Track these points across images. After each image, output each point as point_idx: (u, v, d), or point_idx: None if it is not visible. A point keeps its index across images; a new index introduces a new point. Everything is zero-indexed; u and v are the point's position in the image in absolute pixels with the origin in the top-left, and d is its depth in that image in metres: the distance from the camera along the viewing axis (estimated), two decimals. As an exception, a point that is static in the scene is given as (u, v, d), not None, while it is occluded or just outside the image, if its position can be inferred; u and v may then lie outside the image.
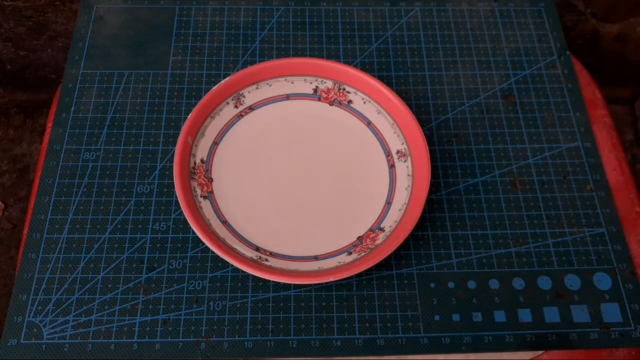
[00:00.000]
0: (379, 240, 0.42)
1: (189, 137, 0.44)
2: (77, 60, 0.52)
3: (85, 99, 0.50)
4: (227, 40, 0.53)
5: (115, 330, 0.40)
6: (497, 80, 0.52)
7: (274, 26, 0.54)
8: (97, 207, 0.45)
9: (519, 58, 0.53)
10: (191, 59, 0.52)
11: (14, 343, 0.39)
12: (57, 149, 0.47)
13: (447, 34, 0.54)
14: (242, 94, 0.48)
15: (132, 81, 0.51)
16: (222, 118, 0.47)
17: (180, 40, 0.53)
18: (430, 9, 0.56)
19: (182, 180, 0.42)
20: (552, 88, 0.51)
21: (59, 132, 0.48)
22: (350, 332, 0.41)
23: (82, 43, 0.53)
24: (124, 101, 0.50)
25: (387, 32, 0.54)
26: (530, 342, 0.41)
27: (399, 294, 0.42)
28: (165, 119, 0.49)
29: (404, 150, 0.46)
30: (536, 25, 0.55)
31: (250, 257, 0.41)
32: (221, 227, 0.42)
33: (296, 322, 0.41)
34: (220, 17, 0.55)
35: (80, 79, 0.51)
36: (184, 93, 0.50)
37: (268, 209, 0.44)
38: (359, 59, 0.53)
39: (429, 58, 0.53)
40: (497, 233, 0.44)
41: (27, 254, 0.43)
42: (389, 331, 0.41)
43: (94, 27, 0.54)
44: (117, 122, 0.49)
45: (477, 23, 0.55)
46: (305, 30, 0.54)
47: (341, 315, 0.41)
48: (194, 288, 0.42)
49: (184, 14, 0.55)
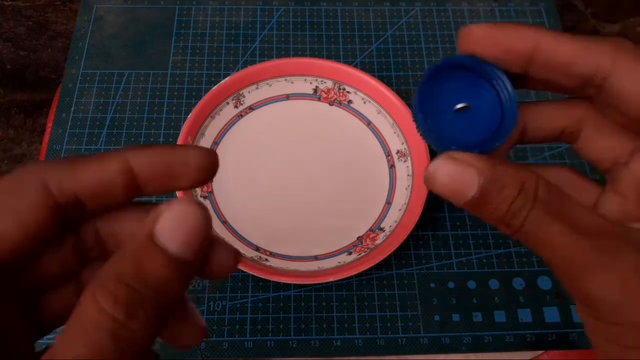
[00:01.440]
0: (379, 240, 0.42)
1: (189, 137, 0.44)
2: (77, 60, 0.52)
3: (85, 99, 0.50)
4: (227, 40, 0.53)
5: (115, 330, 0.40)
6: (497, 80, 0.52)
7: (274, 26, 0.54)
8: (97, 207, 0.44)
9: (519, 58, 0.53)
10: (191, 59, 0.52)
11: (14, 343, 0.39)
12: (57, 149, 0.47)
13: (447, 34, 0.54)
14: (242, 94, 0.48)
15: (132, 81, 0.51)
16: (222, 118, 0.47)
17: (180, 40, 0.53)
18: (430, 9, 0.56)
19: (182, 180, 0.42)
20: (552, 88, 0.51)
21: (59, 132, 0.48)
22: (350, 332, 0.41)
23: (82, 43, 0.53)
24: (124, 101, 0.50)
25: (387, 32, 0.54)
26: (530, 342, 0.40)
27: (399, 294, 0.42)
28: (165, 119, 0.49)
29: (404, 150, 0.46)
30: (536, 25, 0.55)
31: (250, 257, 0.41)
32: (221, 227, 0.42)
33: (296, 322, 0.41)
34: (220, 17, 0.55)
35: (80, 79, 0.51)
36: (184, 93, 0.50)
37: (268, 209, 0.44)
38: (359, 59, 0.53)
39: (429, 58, 0.53)
40: (497, 233, 0.44)
41: (27, 254, 0.43)
42: (389, 331, 0.41)
43: (94, 27, 0.54)
44: (117, 122, 0.49)
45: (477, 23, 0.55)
46: (305, 30, 0.54)
47: (341, 315, 0.41)
48: (194, 288, 0.42)
49: (184, 14, 0.55)
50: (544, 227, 0.19)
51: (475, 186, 0.19)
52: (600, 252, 0.18)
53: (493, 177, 0.19)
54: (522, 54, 0.21)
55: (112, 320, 0.15)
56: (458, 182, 0.19)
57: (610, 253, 0.18)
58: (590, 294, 0.18)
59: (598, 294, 0.18)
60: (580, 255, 0.18)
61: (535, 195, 0.19)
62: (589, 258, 0.18)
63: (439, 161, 0.20)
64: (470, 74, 0.22)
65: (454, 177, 0.19)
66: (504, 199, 0.19)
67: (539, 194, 0.19)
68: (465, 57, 0.22)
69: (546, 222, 0.19)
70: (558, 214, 0.19)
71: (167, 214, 0.16)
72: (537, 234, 0.19)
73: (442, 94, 0.22)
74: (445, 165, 0.20)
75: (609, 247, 0.18)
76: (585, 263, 0.18)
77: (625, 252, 0.18)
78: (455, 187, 0.19)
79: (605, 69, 0.20)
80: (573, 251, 0.18)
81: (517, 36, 0.21)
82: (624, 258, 0.18)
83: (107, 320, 0.15)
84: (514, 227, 0.19)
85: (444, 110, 0.22)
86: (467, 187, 0.19)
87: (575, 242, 0.18)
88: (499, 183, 0.19)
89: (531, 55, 0.21)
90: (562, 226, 0.19)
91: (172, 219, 0.16)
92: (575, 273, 0.19)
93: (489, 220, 0.20)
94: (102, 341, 0.15)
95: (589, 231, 0.19)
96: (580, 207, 0.19)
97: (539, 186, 0.19)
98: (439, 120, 0.22)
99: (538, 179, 0.19)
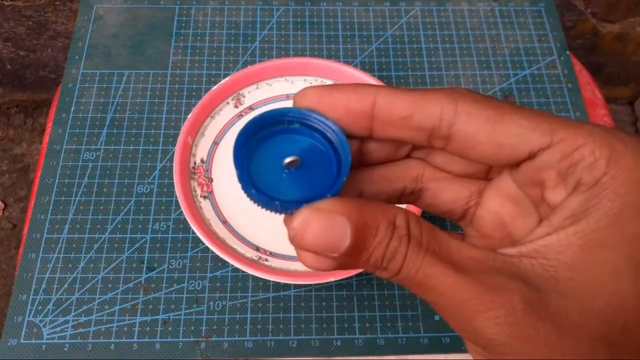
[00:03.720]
0: (379, 240, 0.42)
1: (189, 137, 0.44)
2: (77, 60, 0.52)
3: (85, 99, 0.50)
4: (227, 40, 0.53)
5: (115, 330, 0.40)
6: (497, 80, 0.52)
7: (274, 26, 0.54)
8: (97, 207, 0.45)
9: (518, 58, 0.53)
10: (191, 58, 0.52)
11: (14, 343, 0.39)
12: (57, 149, 0.47)
13: (447, 33, 0.54)
14: (242, 93, 0.48)
15: (132, 81, 0.51)
16: (222, 118, 0.47)
17: (180, 40, 0.53)
18: (430, 9, 0.56)
19: (182, 180, 0.42)
20: (552, 88, 0.51)
21: (59, 132, 0.48)
22: (350, 332, 0.41)
23: (82, 43, 0.53)
24: (124, 101, 0.50)
25: (387, 32, 0.54)
26: (530, 342, 0.40)
27: (399, 294, 0.42)
28: (165, 119, 0.49)
29: (404, 150, 0.46)
30: (536, 25, 0.55)
31: (250, 257, 0.41)
32: (221, 227, 0.42)
33: (296, 322, 0.41)
34: (220, 16, 0.55)
35: (80, 78, 0.51)
36: (184, 93, 0.50)
37: (268, 209, 0.44)
38: (359, 58, 0.53)
39: (429, 58, 0.53)
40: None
41: (27, 254, 0.43)
42: (389, 331, 0.41)
43: (94, 27, 0.54)
44: (117, 122, 0.49)
45: (477, 23, 0.55)
46: (305, 30, 0.54)
47: (341, 315, 0.41)
48: (193, 288, 0.42)
49: (184, 14, 0.55)
50: (424, 268, 0.18)
51: (347, 236, 0.17)
52: (485, 290, 0.17)
53: (363, 220, 0.18)
54: (362, 114, 0.20)
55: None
56: (331, 236, 0.17)
57: (495, 289, 0.17)
58: (481, 334, 0.17)
59: (489, 334, 0.17)
60: (467, 296, 0.17)
61: (409, 232, 0.18)
62: (476, 298, 0.17)
63: (304, 217, 0.18)
64: (294, 129, 0.21)
65: (325, 232, 0.17)
66: (379, 242, 0.18)
67: (412, 230, 0.18)
68: (286, 110, 0.21)
69: (426, 263, 0.18)
70: (435, 252, 0.18)
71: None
72: (418, 276, 0.18)
73: (269, 150, 0.20)
74: (314, 220, 0.17)
75: (493, 284, 0.17)
76: (472, 304, 0.17)
77: (509, 287, 0.17)
78: (328, 242, 0.17)
79: (449, 117, 0.20)
80: (459, 292, 0.17)
81: (355, 97, 0.20)
82: (508, 293, 0.17)
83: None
84: (393, 271, 0.18)
85: (272, 166, 0.20)
86: (340, 239, 0.17)
87: (459, 282, 0.17)
88: (371, 227, 0.18)
89: (371, 115, 0.20)
90: (443, 266, 0.17)
91: None
92: (463, 314, 0.18)
93: (365, 267, 0.18)
94: None
95: (469, 267, 0.18)
96: (453, 239, 0.18)
97: (410, 222, 0.18)
98: (267, 180, 0.20)
99: (407, 213, 0.18)
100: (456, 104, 0.19)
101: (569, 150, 0.18)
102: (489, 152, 0.20)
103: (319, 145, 0.21)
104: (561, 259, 0.18)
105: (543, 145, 0.19)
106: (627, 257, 0.17)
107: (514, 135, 0.19)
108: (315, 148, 0.21)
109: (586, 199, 0.18)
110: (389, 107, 0.20)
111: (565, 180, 0.19)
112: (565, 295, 0.17)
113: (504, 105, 0.20)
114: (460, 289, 0.17)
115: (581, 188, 0.18)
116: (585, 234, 0.18)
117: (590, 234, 0.18)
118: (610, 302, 0.17)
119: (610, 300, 0.17)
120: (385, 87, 0.20)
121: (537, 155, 0.19)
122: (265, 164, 0.20)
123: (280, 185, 0.20)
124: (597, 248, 0.18)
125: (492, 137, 0.19)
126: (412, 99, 0.20)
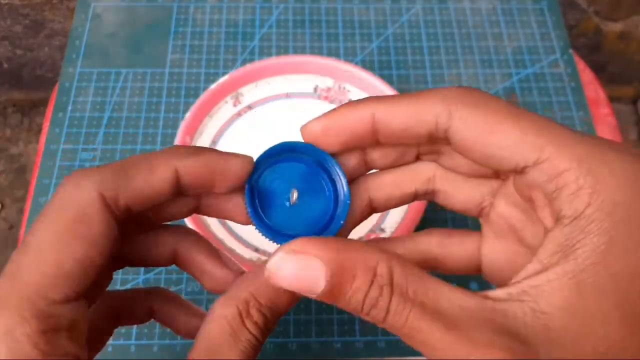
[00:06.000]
0: (380, 240, 0.41)
1: (187, 136, 0.44)
2: (74, 59, 0.51)
3: (82, 98, 0.49)
4: (225, 38, 0.53)
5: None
6: (499, 78, 0.51)
7: (273, 24, 0.54)
8: (94, 207, 0.44)
9: (521, 56, 0.53)
10: (189, 57, 0.52)
11: (9, 346, 0.39)
12: (54, 149, 0.46)
13: (449, 32, 0.54)
14: (240, 92, 0.47)
15: (129, 80, 0.50)
16: (220, 117, 0.46)
17: (178, 38, 0.53)
18: (432, 7, 0.55)
19: (180, 180, 0.42)
20: (555, 87, 0.51)
21: (55, 131, 0.47)
22: (351, 334, 0.40)
23: (79, 41, 0.52)
24: (122, 100, 0.49)
25: (387, 30, 0.54)
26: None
27: (401, 296, 0.42)
28: (163, 118, 0.48)
29: (405, 150, 0.45)
30: (539, 23, 0.55)
31: (249, 258, 0.40)
32: (220, 228, 0.42)
33: (295, 324, 0.40)
34: (218, 14, 0.54)
35: (77, 77, 0.50)
36: (182, 92, 0.50)
37: (267, 209, 0.44)
38: (359, 57, 0.52)
39: (431, 56, 0.52)
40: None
41: (22, 255, 0.42)
42: (389, 333, 0.40)
43: (91, 26, 0.53)
44: (115, 121, 0.48)
45: (479, 21, 0.55)
46: (305, 28, 0.54)
47: (341, 317, 0.41)
48: (192, 289, 0.41)
49: (182, 12, 0.54)
50: (412, 321, 0.17)
51: (322, 279, 0.17)
52: (474, 349, 0.17)
53: (340, 266, 0.17)
54: (365, 132, 0.21)
55: (251, 337, 0.20)
56: (304, 278, 0.17)
57: (485, 346, 0.17)
58: None
59: None
60: (455, 354, 0.17)
61: (391, 281, 0.17)
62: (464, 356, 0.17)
63: (279, 258, 0.18)
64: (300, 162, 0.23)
65: (298, 275, 0.17)
66: (357, 289, 0.17)
67: (395, 279, 0.17)
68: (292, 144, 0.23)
69: (413, 316, 0.17)
70: (423, 304, 0.17)
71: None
72: (406, 328, 0.17)
73: (274, 186, 0.22)
74: (287, 262, 0.18)
75: (483, 341, 0.17)
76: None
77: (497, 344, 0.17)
78: (302, 284, 0.17)
79: (443, 122, 0.20)
80: (448, 349, 0.17)
81: (354, 118, 0.21)
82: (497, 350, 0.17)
83: (247, 334, 0.20)
84: (377, 319, 0.18)
85: (278, 201, 0.22)
86: (313, 282, 0.17)
87: (448, 339, 0.17)
88: (348, 273, 0.17)
89: (374, 129, 0.21)
90: (432, 321, 0.17)
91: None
92: None
93: (349, 311, 0.18)
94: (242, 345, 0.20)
95: (459, 320, 0.17)
96: (443, 285, 0.18)
97: (393, 270, 0.18)
98: (273, 212, 0.22)
99: (391, 260, 0.18)
100: (450, 109, 0.20)
101: (553, 172, 0.18)
102: (481, 160, 0.20)
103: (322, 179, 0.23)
104: (553, 302, 0.17)
105: (529, 163, 0.19)
106: (613, 300, 0.17)
107: (500, 148, 0.19)
108: (317, 179, 0.23)
109: (571, 233, 0.18)
110: (388, 121, 0.21)
111: (552, 203, 0.19)
112: (556, 343, 0.17)
113: (502, 109, 0.19)
114: (449, 346, 0.17)
115: (564, 221, 0.18)
116: (574, 275, 0.17)
117: (580, 274, 0.17)
118: (598, 348, 0.17)
119: (598, 346, 0.17)
120: (382, 100, 0.21)
121: (524, 171, 0.19)
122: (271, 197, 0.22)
123: (285, 217, 0.22)
124: (587, 291, 0.17)
125: (482, 147, 0.19)
126: (408, 111, 0.20)
